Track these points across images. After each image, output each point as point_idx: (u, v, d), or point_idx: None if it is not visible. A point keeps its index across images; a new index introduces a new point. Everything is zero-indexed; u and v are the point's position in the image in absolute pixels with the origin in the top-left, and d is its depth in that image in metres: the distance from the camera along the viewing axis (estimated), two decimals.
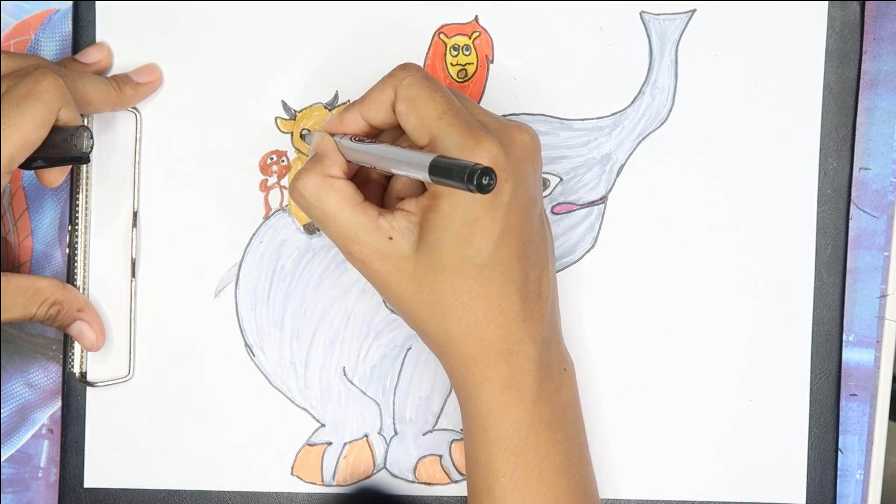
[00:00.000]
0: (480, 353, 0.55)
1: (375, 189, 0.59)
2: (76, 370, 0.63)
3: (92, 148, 0.58)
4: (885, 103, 0.64)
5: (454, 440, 0.64)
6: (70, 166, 0.62)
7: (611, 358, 0.63)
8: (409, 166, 0.52)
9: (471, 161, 0.50)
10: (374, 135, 0.58)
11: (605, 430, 0.63)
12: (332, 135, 0.57)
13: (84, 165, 0.63)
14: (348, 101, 0.63)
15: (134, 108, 0.63)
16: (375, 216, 0.55)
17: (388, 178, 0.59)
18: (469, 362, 0.55)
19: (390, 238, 0.55)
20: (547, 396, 0.56)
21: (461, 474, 0.64)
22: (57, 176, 0.60)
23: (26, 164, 0.57)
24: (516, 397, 0.55)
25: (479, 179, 0.47)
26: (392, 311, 0.64)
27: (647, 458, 0.63)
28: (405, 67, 0.56)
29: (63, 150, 0.57)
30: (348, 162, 0.56)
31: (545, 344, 0.56)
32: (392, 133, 0.58)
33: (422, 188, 0.57)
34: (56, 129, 0.57)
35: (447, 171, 0.49)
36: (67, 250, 0.64)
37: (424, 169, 0.50)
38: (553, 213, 0.64)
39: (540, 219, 0.57)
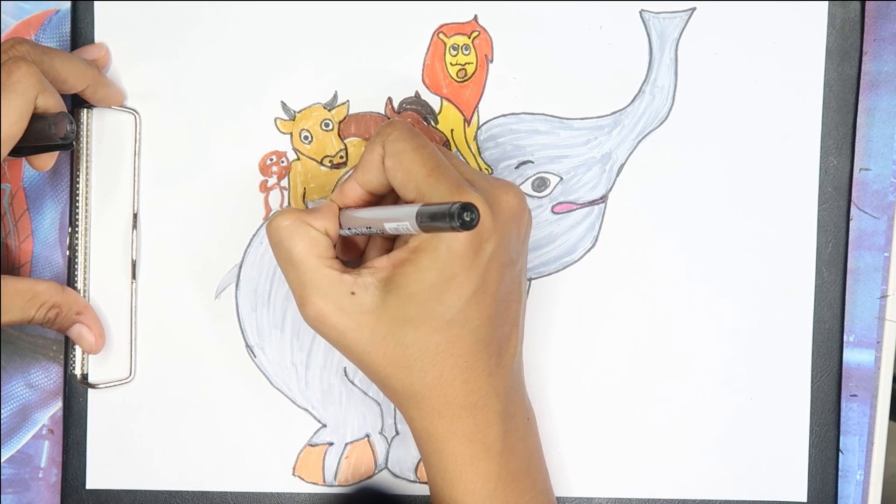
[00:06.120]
0: (445, 407, 0.55)
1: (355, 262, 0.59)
2: (77, 372, 0.64)
3: (75, 133, 0.56)
4: (885, 104, 0.64)
5: None
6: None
7: (611, 356, 0.63)
8: (398, 220, 0.52)
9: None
10: (373, 203, 0.58)
11: (607, 428, 0.63)
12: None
13: (84, 167, 0.63)
14: (347, 101, 0.63)
15: (133, 109, 0.63)
16: (340, 272, 0.54)
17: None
18: (434, 416, 0.55)
19: (352, 293, 0.54)
20: (512, 447, 0.56)
21: None
22: (47, 161, 0.60)
23: (11, 153, 0.56)
24: (482, 450, 0.55)
25: (460, 216, 0.47)
26: None
27: (648, 456, 0.63)
28: (391, 124, 0.55)
29: (46, 138, 0.56)
30: (349, 230, 0.56)
31: (509, 397, 0.56)
32: (388, 200, 0.58)
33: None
34: (36, 117, 0.56)
35: (432, 214, 0.49)
36: (68, 252, 0.64)
37: (413, 217, 0.50)
38: (553, 212, 0.63)
39: (518, 279, 0.56)
